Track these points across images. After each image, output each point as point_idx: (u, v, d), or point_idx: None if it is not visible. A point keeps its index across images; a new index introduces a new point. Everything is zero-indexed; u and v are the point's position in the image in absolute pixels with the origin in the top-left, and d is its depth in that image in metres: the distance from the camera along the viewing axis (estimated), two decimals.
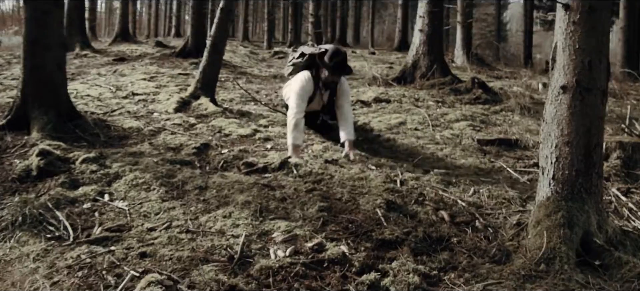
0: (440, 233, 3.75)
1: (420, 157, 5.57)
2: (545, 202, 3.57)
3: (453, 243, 3.65)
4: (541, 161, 3.66)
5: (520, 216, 4.09)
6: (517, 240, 3.71)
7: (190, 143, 5.52)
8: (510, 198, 4.49)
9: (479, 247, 3.61)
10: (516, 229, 3.86)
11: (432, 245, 3.61)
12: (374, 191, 4.42)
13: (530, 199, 4.49)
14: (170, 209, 4.06)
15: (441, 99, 8.69)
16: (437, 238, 3.68)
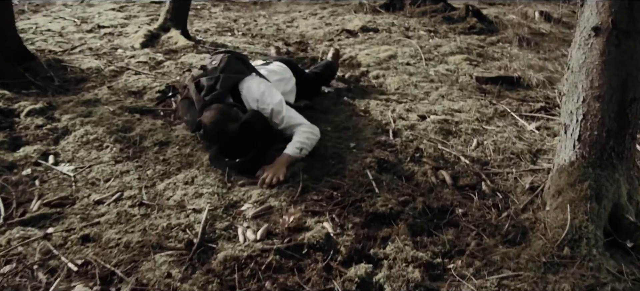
0: (442, 202, 3.09)
1: (414, 98, 4.85)
2: (568, 168, 2.90)
3: (458, 215, 3.00)
4: (564, 117, 2.96)
5: (532, 177, 3.42)
6: (533, 210, 3.06)
7: (155, 86, 4.76)
8: (519, 151, 3.81)
9: (488, 221, 2.95)
10: (530, 196, 3.21)
11: (433, 218, 2.95)
12: (363, 144, 3.74)
13: (541, 154, 3.83)
14: (123, 173, 3.37)
15: (433, 28, 7.88)
16: (438, 209, 3.03)
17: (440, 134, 4.01)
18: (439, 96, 4.94)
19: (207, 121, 3.41)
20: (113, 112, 4.14)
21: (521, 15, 9.03)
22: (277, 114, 3.60)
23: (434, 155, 3.64)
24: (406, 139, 3.87)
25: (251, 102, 3.63)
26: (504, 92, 5.17)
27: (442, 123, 4.18)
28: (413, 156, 3.62)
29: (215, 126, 3.38)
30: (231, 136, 3.37)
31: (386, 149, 3.67)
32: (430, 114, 4.40)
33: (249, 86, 3.69)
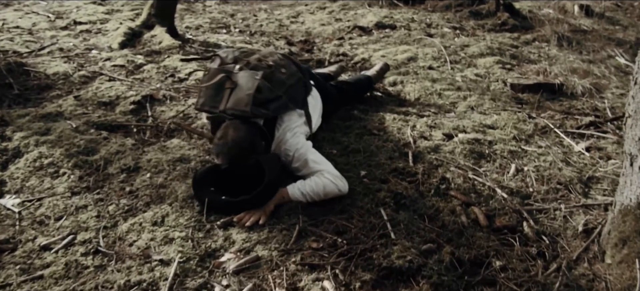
0: (475, 251, 2.66)
1: (438, 111, 4.41)
2: (636, 210, 2.45)
3: (495, 269, 2.56)
4: (629, 144, 2.51)
5: (586, 217, 2.97)
6: (588, 262, 2.62)
7: (130, 95, 4.34)
8: (567, 180, 3.36)
9: (533, 278, 2.52)
10: (584, 241, 2.77)
11: (464, 274, 2.51)
12: (376, 172, 3.30)
13: (593, 183, 3.39)
14: (79, 209, 2.96)
15: (459, 25, 7.43)
16: (470, 262, 2.59)
17: (470, 158, 3.57)
18: (467, 108, 4.49)
19: (232, 137, 2.93)
20: (76, 129, 3.73)
21: (559, 10, 8.56)
22: (300, 157, 3.17)
23: (464, 187, 3.20)
24: (429, 164, 3.43)
25: (280, 142, 3.24)
26: (544, 103, 4.72)
27: (472, 143, 3.73)
28: (438, 187, 3.18)
29: (239, 148, 2.92)
30: (245, 167, 2.96)
31: (405, 179, 3.23)
32: (458, 132, 3.95)
33: (288, 126, 3.28)
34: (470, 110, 4.48)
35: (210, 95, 3.16)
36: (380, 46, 6.41)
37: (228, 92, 3.12)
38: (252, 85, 3.09)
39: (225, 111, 3.07)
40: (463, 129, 4.02)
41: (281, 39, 6.79)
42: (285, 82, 3.26)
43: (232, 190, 2.91)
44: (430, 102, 4.65)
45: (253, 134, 3.00)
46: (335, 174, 3.04)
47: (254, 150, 2.95)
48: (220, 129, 2.98)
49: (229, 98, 3.09)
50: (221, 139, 2.91)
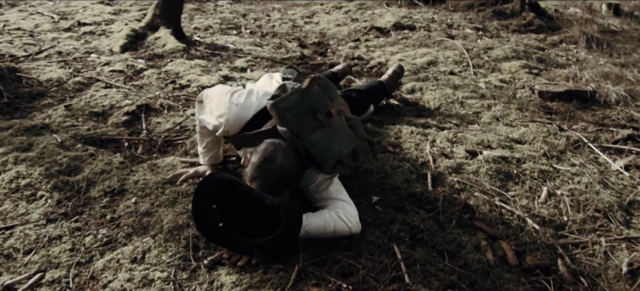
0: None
1: (460, 122, 3.99)
2: None
3: None
4: None
5: (631, 256, 2.55)
6: None
7: (125, 104, 3.98)
8: (606, 206, 2.94)
9: None
10: (629, 284, 2.33)
11: None
12: (390, 198, 2.89)
13: (635, 209, 2.96)
14: (53, 240, 2.59)
15: (482, 26, 6.98)
16: None
17: (497, 179, 3.14)
18: (492, 118, 4.06)
19: (281, 163, 2.42)
20: (61, 145, 3.37)
21: (586, 9, 8.07)
22: (324, 181, 2.68)
23: (490, 216, 2.77)
24: (450, 188, 3.01)
25: (312, 177, 2.70)
26: (575, 113, 4.27)
27: (499, 162, 3.31)
28: (460, 217, 2.76)
29: (286, 178, 2.45)
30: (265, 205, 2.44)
31: (422, 207, 2.82)
32: (483, 148, 3.52)
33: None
34: (496, 121, 4.05)
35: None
36: (398, 49, 5.99)
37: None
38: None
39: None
40: (488, 145, 3.59)
41: (294, 41, 6.40)
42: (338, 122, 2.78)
43: (235, 221, 2.49)
44: (451, 112, 4.22)
45: (301, 164, 2.54)
46: (350, 213, 2.59)
47: (296, 182, 2.56)
48: (262, 150, 2.47)
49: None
50: (267, 163, 2.42)
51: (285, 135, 2.49)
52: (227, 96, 2.80)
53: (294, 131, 2.48)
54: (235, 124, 2.74)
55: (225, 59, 5.42)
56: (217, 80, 4.63)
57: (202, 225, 2.42)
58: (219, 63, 5.27)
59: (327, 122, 2.60)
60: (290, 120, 2.51)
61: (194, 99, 4.18)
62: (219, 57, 5.47)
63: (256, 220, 2.46)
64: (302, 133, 2.49)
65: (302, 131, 2.50)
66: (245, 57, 5.45)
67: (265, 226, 2.43)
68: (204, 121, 2.90)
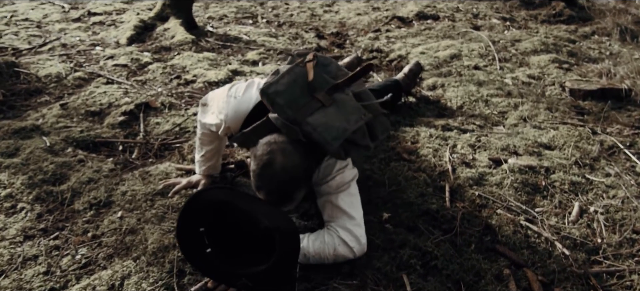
0: None
1: (484, 124, 3.66)
2: None
3: None
4: None
5: None
6: None
7: (124, 102, 3.71)
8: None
9: None
10: None
11: None
12: (402, 215, 2.58)
13: None
14: (26, 262, 2.35)
15: (509, 16, 6.58)
16: None
17: (523, 193, 2.81)
18: (519, 119, 3.72)
19: (281, 164, 2.02)
20: (50, 149, 3.12)
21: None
22: (340, 184, 2.34)
23: (514, 239, 2.45)
24: (471, 204, 2.69)
25: (328, 177, 2.35)
26: (610, 113, 3.89)
27: (525, 172, 2.97)
28: (480, 240, 2.44)
29: (291, 180, 2.05)
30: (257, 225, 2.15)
31: (438, 227, 2.51)
32: (508, 155, 3.19)
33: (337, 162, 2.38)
34: (523, 122, 3.70)
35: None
36: (420, 40, 5.64)
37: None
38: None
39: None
40: (514, 150, 3.25)
41: (311, 31, 6.09)
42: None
43: (225, 244, 2.20)
44: (475, 111, 3.88)
45: (307, 157, 2.12)
46: (355, 234, 2.27)
47: (308, 180, 2.15)
48: (258, 155, 2.08)
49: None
50: (265, 168, 2.03)
51: (277, 123, 2.12)
52: (226, 90, 2.50)
53: (288, 116, 2.12)
54: (235, 119, 2.41)
55: (236, 52, 5.13)
56: (225, 75, 4.35)
57: (188, 251, 2.14)
58: (229, 56, 4.98)
59: (328, 100, 2.23)
60: (283, 105, 2.15)
61: (198, 95, 3.92)
62: (230, 50, 5.18)
63: (249, 244, 2.17)
64: (298, 117, 2.13)
65: (298, 115, 2.13)
66: (258, 49, 5.16)
67: (259, 251, 2.14)
68: (207, 124, 2.60)
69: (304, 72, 2.31)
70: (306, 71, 2.32)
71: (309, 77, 2.29)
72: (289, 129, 2.10)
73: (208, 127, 2.61)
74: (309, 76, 2.30)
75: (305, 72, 2.31)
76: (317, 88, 2.26)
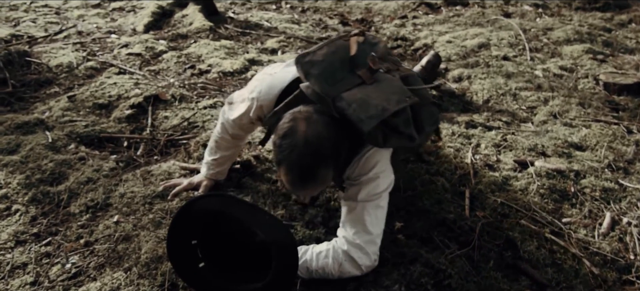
0: None
1: (511, 120, 3.42)
2: None
3: None
4: None
5: None
6: None
7: (133, 94, 3.55)
8: None
9: None
10: None
11: None
12: (416, 225, 2.37)
13: None
14: (14, 271, 2.21)
15: (542, 2, 6.25)
16: None
17: (550, 200, 2.58)
18: (549, 116, 3.47)
19: (303, 134, 1.77)
20: (51, 145, 2.98)
21: None
22: (373, 190, 2.05)
23: (538, 255, 2.22)
24: (492, 213, 2.46)
25: (363, 177, 2.06)
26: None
27: (553, 177, 2.74)
28: (500, 256, 2.22)
29: (316, 155, 1.77)
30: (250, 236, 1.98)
31: (454, 239, 2.30)
32: (536, 156, 2.96)
33: (378, 162, 2.08)
34: (553, 119, 3.45)
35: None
36: (448, 28, 5.38)
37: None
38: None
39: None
40: (542, 151, 3.02)
41: (335, 18, 5.86)
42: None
43: (220, 257, 2.03)
44: (502, 106, 3.64)
45: (338, 132, 1.85)
46: (368, 251, 2.03)
47: (335, 159, 1.85)
48: (279, 125, 1.86)
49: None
50: (286, 139, 1.79)
51: (308, 93, 1.91)
52: (260, 73, 2.33)
53: (322, 88, 1.91)
54: (269, 96, 2.16)
55: (255, 39, 4.94)
56: (241, 64, 4.16)
57: (179, 264, 1.97)
58: (247, 44, 4.79)
59: (369, 78, 2.00)
60: (317, 75, 1.94)
61: (211, 86, 3.74)
62: (249, 37, 4.99)
63: (245, 258, 1.99)
64: (333, 91, 1.91)
65: (333, 89, 1.91)
66: (278, 37, 4.96)
67: (255, 266, 1.96)
68: (232, 120, 2.37)
69: (346, 45, 2.09)
70: (349, 44, 2.10)
71: (351, 51, 2.07)
72: (321, 100, 1.89)
73: (232, 124, 2.39)
74: (351, 50, 2.07)
75: (347, 45, 2.09)
76: (359, 64, 2.04)
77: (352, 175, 2.06)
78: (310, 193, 2.02)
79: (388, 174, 2.10)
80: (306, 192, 2.00)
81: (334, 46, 2.06)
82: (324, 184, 1.91)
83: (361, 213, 2.03)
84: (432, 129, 2.26)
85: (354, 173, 2.05)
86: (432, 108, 2.22)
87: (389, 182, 2.11)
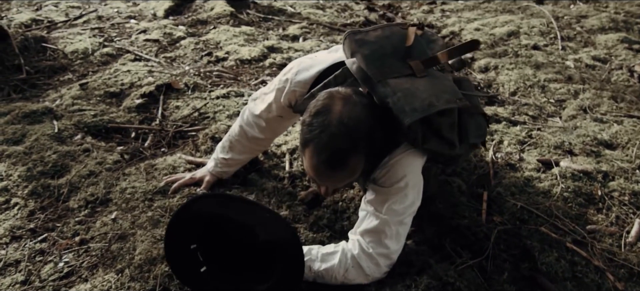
0: None
1: (538, 114, 3.23)
2: None
3: None
4: None
5: None
6: None
7: (146, 82, 3.45)
8: None
9: None
10: None
11: None
12: (427, 231, 2.21)
13: None
14: (7, 268, 2.17)
15: None
16: None
17: (574, 205, 2.39)
18: (578, 110, 3.27)
19: (339, 113, 1.62)
20: (57, 135, 2.89)
21: None
22: (398, 192, 1.84)
23: (557, 267, 2.04)
24: (510, 218, 2.29)
25: (387, 176, 1.86)
26: None
27: (579, 179, 2.54)
28: (515, 267, 2.05)
29: (348, 138, 1.61)
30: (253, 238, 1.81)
31: (467, 247, 2.12)
32: (562, 155, 2.76)
33: (410, 172, 1.86)
34: (582, 114, 3.24)
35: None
36: (477, 14, 5.17)
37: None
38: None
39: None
40: (569, 149, 2.82)
41: (361, 3, 5.68)
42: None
43: (221, 259, 1.90)
44: (529, 99, 3.45)
45: (375, 118, 1.70)
46: (380, 264, 1.88)
47: (369, 147, 1.67)
48: (314, 102, 1.71)
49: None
50: (319, 117, 1.64)
51: (352, 68, 1.78)
52: (294, 61, 2.14)
53: (368, 66, 1.76)
54: (304, 79, 2.00)
55: (276, 25, 4.79)
56: (260, 51, 4.03)
57: (179, 271, 1.85)
58: (268, 30, 4.64)
59: (421, 70, 1.83)
60: (365, 56, 1.79)
61: (227, 75, 3.62)
62: (271, 23, 4.84)
63: (249, 259, 1.86)
64: (378, 73, 1.75)
65: (379, 71, 1.76)
66: (301, 23, 4.81)
67: (259, 267, 1.83)
68: (253, 115, 2.26)
69: (403, 34, 1.92)
70: (406, 34, 1.92)
71: (407, 41, 1.90)
72: (365, 80, 1.75)
73: (255, 120, 2.26)
74: (408, 40, 1.90)
75: (403, 34, 1.92)
76: (413, 56, 1.87)
77: (379, 179, 1.86)
78: (335, 183, 1.78)
79: (418, 188, 1.90)
80: (331, 181, 1.76)
81: (389, 31, 1.91)
82: (352, 176, 1.73)
83: (382, 225, 1.85)
84: (477, 142, 2.04)
85: (381, 178, 1.86)
86: (480, 119, 2.02)
87: (417, 197, 1.90)
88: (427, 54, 1.88)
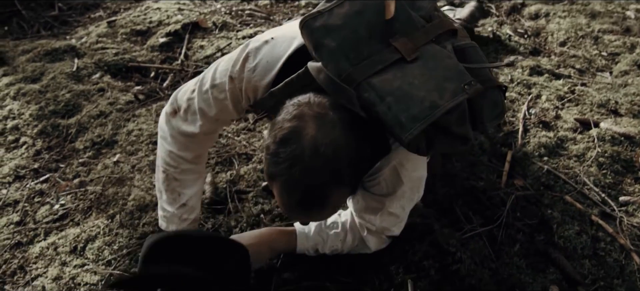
0: None
1: (585, 68, 2.98)
2: None
3: None
4: None
5: None
6: None
7: (174, 20, 3.34)
8: None
9: None
10: None
11: None
12: (440, 193, 2.04)
13: None
14: (6, 207, 2.17)
15: None
16: None
17: (608, 171, 2.17)
18: (632, 65, 2.98)
19: (311, 139, 1.22)
20: (74, 74, 2.84)
21: None
22: (403, 195, 1.57)
23: (576, 242, 1.83)
24: (533, 183, 2.09)
25: (379, 187, 1.56)
26: None
27: (618, 143, 2.30)
28: (530, 238, 1.85)
29: (327, 170, 1.24)
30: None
31: (479, 213, 1.93)
32: (605, 114, 2.51)
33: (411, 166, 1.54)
34: (636, 69, 2.95)
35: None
36: (564, 11, 4.75)
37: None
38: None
39: None
40: (614, 109, 2.56)
41: None
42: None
43: None
44: (577, 52, 3.15)
45: (360, 136, 1.29)
46: (393, 234, 1.68)
47: (354, 175, 1.33)
48: (277, 121, 1.29)
49: None
50: (285, 145, 1.23)
51: (320, 79, 1.29)
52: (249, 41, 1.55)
53: (340, 69, 1.28)
54: (265, 69, 1.46)
55: None
56: None
57: None
58: None
59: (411, 51, 1.34)
60: (334, 50, 1.30)
61: (258, 14, 3.47)
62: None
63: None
64: (356, 74, 1.28)
65: (357, 71, 1.28)
66: None
67: None
68: (183, 133, 1.66)
69: (378, 4, 1.39)
70: (383, 2, 1.39)
71: (387, 13, 1.38)
72: (338, 91, 1.28)
73: (188, 139, 1.67)
74: (387, 11, 1.38)
75: (380, 4, 1.39)
76: (397, 31, 1.38)
77: (371, 187, 1.57)
78: (313, 220, 1.52)
79: (421, 184, 1.62)
80: (308, 219, 1.49)
81: (360, 4, 1.37)
82: (335, 209, 1.38)
83: (381, 230, 1.66)
84: (494, 124, 1.62)
85: (374, 187, 1.56)
86: (496, 94, 1.50)
87: (421, 190, 1.64)
88: (415, 23, 1.42)
